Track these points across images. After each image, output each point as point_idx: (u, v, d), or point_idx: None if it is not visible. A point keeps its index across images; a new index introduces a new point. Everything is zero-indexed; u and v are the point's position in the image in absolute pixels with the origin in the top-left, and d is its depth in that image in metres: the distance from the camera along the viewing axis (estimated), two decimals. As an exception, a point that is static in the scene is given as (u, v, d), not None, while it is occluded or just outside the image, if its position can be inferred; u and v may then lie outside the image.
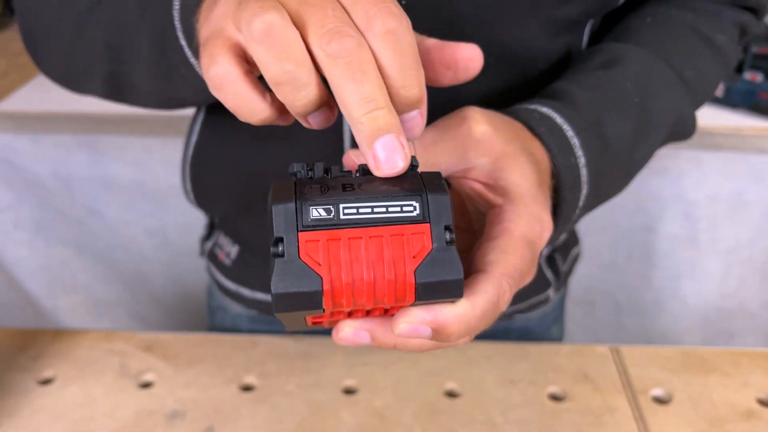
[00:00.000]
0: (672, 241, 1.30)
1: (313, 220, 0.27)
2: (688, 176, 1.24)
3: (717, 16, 0.55)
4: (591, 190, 0.42)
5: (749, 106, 1.24)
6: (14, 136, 1.26)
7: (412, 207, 0.28)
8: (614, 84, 0.46)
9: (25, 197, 1.32)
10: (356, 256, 0.27)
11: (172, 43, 0.39)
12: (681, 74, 0.50)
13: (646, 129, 0.47)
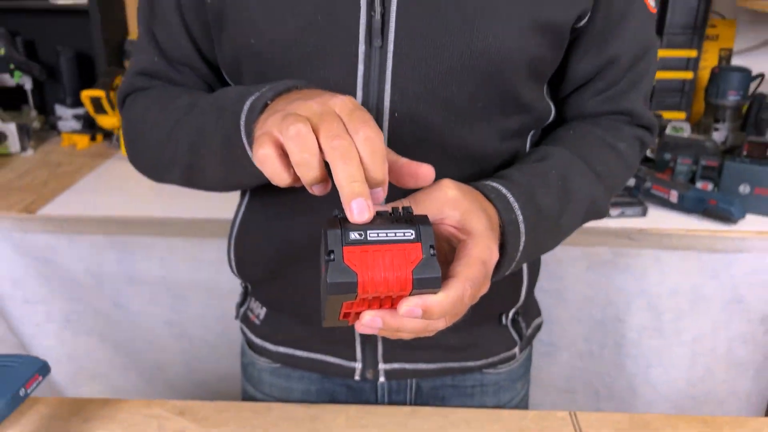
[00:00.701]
0: (641, 331, 1.43)
1: (350, 240, 0.45)
2: (650, 273, 1.40)
3: (619, 131, 0.74)
4: (528, 239, 0.60)
5: (701, 212, 1.41)
6: (54, 237, 1.43)
7: (410, 233, 0.46)
8: (543, 171, 0.66)
9: (58, 292, 1.47)
10: (377, 262, 0.45)
11: (237, 142, 0.56)
12: (594, 168, 0.70)
13: (567, 203, 0.65)
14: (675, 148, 1.55)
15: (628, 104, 0.74)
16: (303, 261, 0.74)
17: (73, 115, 1.94)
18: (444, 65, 0.62)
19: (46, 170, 1.68)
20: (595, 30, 0.69)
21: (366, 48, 0.62)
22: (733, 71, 1.65)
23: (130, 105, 0.76)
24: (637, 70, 0.73)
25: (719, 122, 1.68)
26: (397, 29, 0.61)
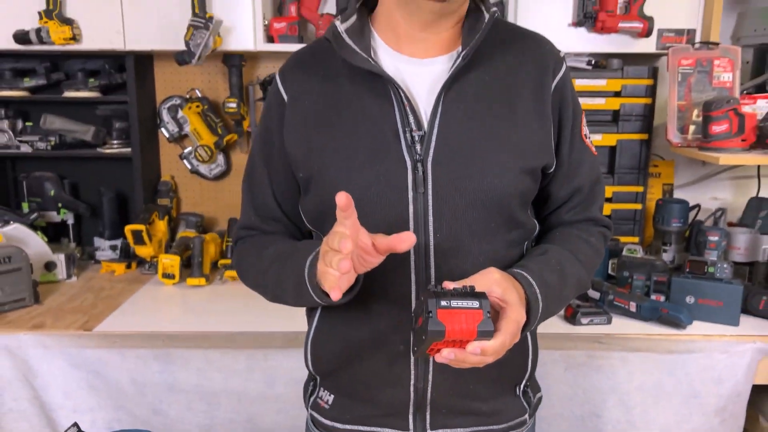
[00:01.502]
0: (615, 425, 1.65)
1: (441, 305, 0.75)
2: (619, 372, 1.65)
3: (588, 231, 1.06)
4: (543, 305, 0.91)
5: (656, 319, 1.69)
6: (106, 352, 1.65)
7: (476, 303, 0.76)
8: (547, 260, 0.97)
9: (105, 402, 1.66)
10: (456, 320, 0.75)
11: (304, 288, 0.87)
12: (577, 257, 1.00)
13: (564, 280, 0.97)
14: (631, 267, 1.85)
15: (591, 214, 1.07)
16: (365, 355, 1.00)
17: (110, 246, 2.22)
18: (466, 200, 0.93)
19: (92, 294, 1.92)
20: (562, 172, 1.03)
21: (413, 194, 0.93)
22: (673, 203, 2.00)
23: (237, 250, 1.10)
24: (593, 192, 1.07)
25: (667, 245, 2.00)
26: (433, 181, 0.93)
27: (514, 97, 0.96)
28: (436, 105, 0.94)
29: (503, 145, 0.94)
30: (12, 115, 2.22)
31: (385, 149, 0.93)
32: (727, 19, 2.20)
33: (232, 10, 1.95)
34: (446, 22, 0.96)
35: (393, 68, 0.97)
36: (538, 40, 1.02)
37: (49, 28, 1.90)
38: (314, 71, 1.00)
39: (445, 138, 0.93)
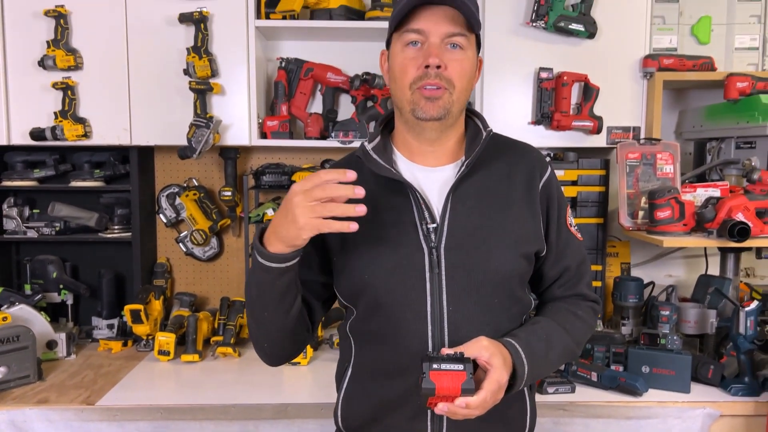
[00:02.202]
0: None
1: (433, 368, 0.98)
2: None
3: (577, 305, 1.26)
4: (528, 369, 1.08)
5: (615, 387, 1.85)
6: (107, 425, 1.76)
7: (461, 366, 0.99)
8: (535, 330, 1.17)
9: (104, 473, 1.76)
10: (444, 379, 0.97)
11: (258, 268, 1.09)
12: (564, 327, 1.20)
13: (549, 348, 1.15)
14: (593, 339, 2.02)
15: (579, 290, 1.28)
16: (390, 412, 1.17)
17: (107, 324, 2.35)
18: (474, 280, 1.14)
19: (92, 371, 2.04)
20: (552, 255, 1.25)
21: (430, 275, 1.14)
22: (629, 281, 2.20)
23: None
24: (580, 271, 1.28)
25: (625, 319, 2.19)
26: (446, 264, 1.14)
27: (509, 196, 1.20)
28: (446, 203, 1.17)
29: (502, 235, 1.17)
30: (21, 203, 2.39)
31: (406, 238, 1.16)
32: (672, 116, 2.49)
33: (229, 110, 2.18)
34: (447, 138, 1.22)
35: (410, 175, 1.21)
36: (527, 150, 1.29)
37: (63, 126, 2.11)
38: None
39: (453, 229, 1.16)
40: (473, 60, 1.19)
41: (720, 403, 1.81)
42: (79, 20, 2.14)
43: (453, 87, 1.14)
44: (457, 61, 1.14)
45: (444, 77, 1.13)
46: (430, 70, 1.12)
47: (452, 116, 1.18)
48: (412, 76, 1.14)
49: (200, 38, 2.09)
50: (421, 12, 1.13)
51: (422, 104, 1.14)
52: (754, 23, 2.21)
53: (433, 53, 1.12)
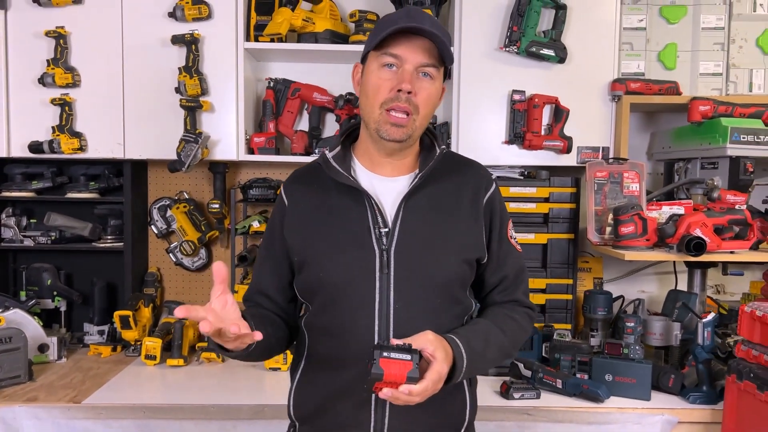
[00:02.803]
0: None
1: (383, 356, 1.08)
2: (547, 442, 1.88)
3: (513, 309, 1.37)
4: (468, 363, 1.18)
5: (578, 394, 1.94)
6: (92, 423, 1.85)
7: (409, 357, 1.09)
8: (475, 329, 1.28)
9: (88, 469, 1.84)
10: (392, 367, 1.07)
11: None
12: (501, 328, 1.29)
13: (487, 347, 1.24)
14: (560, 349, 2.12)
15: (515, 297, 1.39)
16: (337, 402, 1.27)
17: (98, 330, 2.44)
18: (419, 281, 1.25)
19: (81, 373, 2.13)
20: (492, 263, 1.36)
21: (380, 274, 1.25)
22: (599, 294, 2.29)
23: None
24: (518, 279, 1.39)
25: (594, 330, 2.28)
26: (395, 265, 1.25)
27: (456, 207, 1.32)
28: (398, 210, 1.29)
29: (447, 242, 1.29)
30: (18, 213, 2.50)
31: (360, 241, 1.27)
32: (644, 138, 2.60)
33: (218, 126, 2.30)
34: (405, 153, 1.34)
35: (368, 183, 1.32)
36: (476, 167, 1.41)
37: (60, 140, 2.23)
38: (309, 185, 1.36)
39: (404, 234, 1.27)
40: (439, 89, 1.32)
41: (678, 410, 1.89)
42: (78, 40, 2.26)
43: (418, 112, 1.26)
44: (426, 90, 1.26)
45: (412, 102, 1.24)
46: (401, 94, 1.23)
47: (413, 139, 1.29)
48: (384, 96, 1.25)
49: (191, 59, 2.21)
50: (400, 38, 1.24)
51: (387, 128, 1.25)
52: (717, 50, 2.33)
53: (407, 79, 1.23)
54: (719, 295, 2.65)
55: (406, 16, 1.25)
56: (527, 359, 2.08)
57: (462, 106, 2.29)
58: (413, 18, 1.24)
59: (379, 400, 1.25)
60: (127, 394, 1.96)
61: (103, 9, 2.25)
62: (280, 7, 2.30)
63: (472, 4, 2.27)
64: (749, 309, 1.76)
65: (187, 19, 2.23)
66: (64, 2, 2.23)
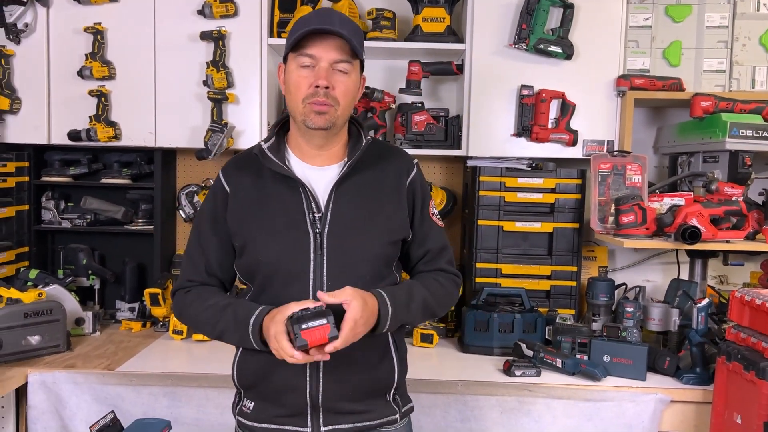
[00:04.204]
0: (542, 462, 1.98)
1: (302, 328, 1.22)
2: (545, 417, 1.99)
3: (438, 275, 1.50)
4: (392, 312, 1.35)
5: (577, 373, 2.05)
6: (124, 389, 2.01)
7: (325, 320, 1.23)
8: (400, 286, 1.44)
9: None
10: (313, 334, 1.22)
11: (248, 342, 1.33)
12: (425, 285, 1.45)
13: (411, 298, 1.41)
14: (562, 332, 2.23)
15: (439, 265, 1.52)
16: (276, 370, 1.39)
17: (129, 308, 2.61)
18: (349, 260, 1.38)
19: (113, 345, 2.30)
20: (416, 240, 1.50)
21: (314, 255, 1.39)
22: (601, 281, 2.39)
23: (179, 297, 1.51)
24: (441, 253, 1.52)
25: (596, 316, 2.38)
26: (328, 246, 1.38)
27: (381, 192, 1.46)
28: (330, 196, 1.42)
29: (374, 224, 1.43)
30: (57, 197, 2.69)
31: (295, 225, 1.40)
32: (651, 132, 2.69)
33: (243, 117, 2.45)
34: (333, 144, 1.47)
35: (301, 172, 1.44)
36: (399, 154, 1.55)
37: (97, 129, 2.40)
38: (247, 172, 1.48)
39: (335, 218, 1.41)
40: (356, 81, 1.42)
41: (671, 389, 2.00)
42: (114, 36, 2.43)
43: (338, 104, 1.38)
44: (342, 83, 1.37)
45: (331, 96, 1.36)
46: (319, 90, 1.35)
47: (336, 127, 1.41)
48: (304, 92, 1.37)
49: (218, 53, 2.36)
50: (314, 38, 1.36)
51: (312, 117, 1.37)
52: (721, 48, 2.41)
53: (322, 76, 1.35)
54: (722, 286, 2.73)
55: (316, 18, 1.37)
56: (530, 340, 2.20)
57: (473, 100, 2.41)
58: (323, 19, 1.35)
59: (313, 367, 1.38)
60: (156, 363, 2.12)
61: (137, 7, 2.41)
62: (302, 5, 2.44)
63: (484, 4, 2.38)
64: (739, 294, 1.86)
65: (215, 17, 2.37)
66: (102, 0, 2.39)
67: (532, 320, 2.31)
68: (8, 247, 2.51)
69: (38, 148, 2.63)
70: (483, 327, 2.29)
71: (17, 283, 2.33)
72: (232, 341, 1.42)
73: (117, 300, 2.66)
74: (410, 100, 2.54)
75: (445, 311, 1.53)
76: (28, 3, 2.37)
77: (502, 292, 2.42)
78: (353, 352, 1.31)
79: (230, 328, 1.38)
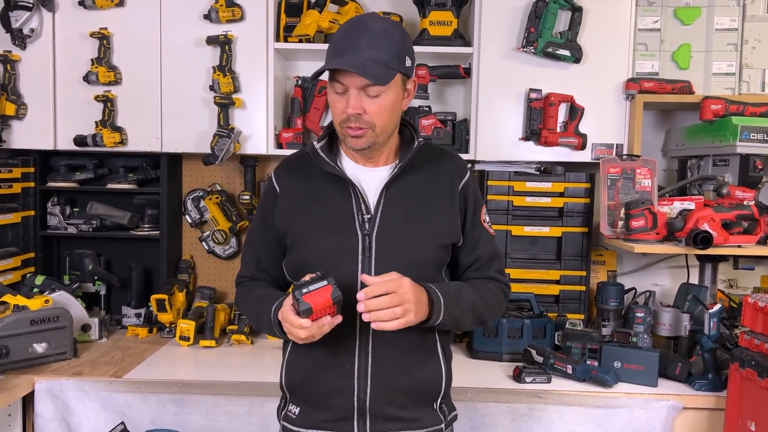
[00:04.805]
0: (554, 469, 1.97)
1: (303, 292, 1.23)
2: (556, 423, 1.98)
3: (487, 282, 1.48)
4: (445, 307, 1.33)
5: (588, 379, 2.03)
6: (132, 396, 2.00)
7: (326, 282, 1.23)
8: (448, 284, 1.43)
9: (128, 438, 1.99)
10: (315, 296, 1.23)
11: (272, 328, 1.34)
12: (475, 288, 1.42)
13: (460, 297, 1.39)
14: (571, 337, 2.21)
15: (489, 274, 1.50)
16: (323, 373, 1.39)
17: (135, 313, 2.60)
18: (398, 263, 1.35)
19: (120, 351, 2.29)
20: (466, 246, 1.48)
21: (362, 257, 1.37)
22: (611, 285, 2.38)
23: (238, 290, 1.54)
24: (491, 261, 1.50)
25: (606, 321, 2.36)
26: (376, 248, 1.37)
27: (432, 195, 1.44)
28: (380, 197, 1.41)
29: (424, 227, 1.40)
30: (63, 202, 2.68)
31: (344, 225, 1.39)
32: (659, 135, 2.67)
33: (249, 122, 2.43)
34: (380, 152, 1.45)
35: (352, 172, 1.44)
36: (451, 157, 1.53)
37: (103, 134, 2.39)
38: (298, 172, 1.48)
39: (384, 220, 1.39)
40: (394, 95, 1.37)
41: (684, 396, 1.98)
42: (120, 41, 2.42)
43: (374, 126, 1.35)
44: (375, 105, 1.34)
45: (364, 120, 1.34)
46: (351, 116, 1.34)
47: (378, 144, 1.40)
48: (339, 117, 1.37)
49: (225, 58, 2.35)
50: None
51: (349, 139, 1.37)
52: (731, 51, 2.40)
53: (351, 105, 1.33)
54: (732, 290, 2.71)
55: (340, 48, 1.32)
56: (540, 346, 2.18)
57: (481, 104, 2.40)
58: (347, 49, 1.30)
59: (361, 370, 1.37)
60: (164, 370, 2.11)
61: (143, 11, 2.40)
62: (308, 9, 2.43)
63: (492, 7, 2.37)
64: (752, 300, 1.84)
65: (221, 21, 2.36)
66: (108, 5, 2.38)
67: (541, 326, 2.30)
68: (14, 253, 2.51)
69: (44, 153, 2.62)
70: (492, 332, 2.27)
71: (23, 289, 2.32)
72: (267, 332, 1.44)
73: (123, 306, 2.65)
74: (417, 104, 2.53)
75: (493, 320, 1.53)
76: (34, 8, 2.36)
77: (511, 297, 2.37)
78: (402, 355, 1.33)
79: (263, 319, 1.40)
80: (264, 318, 1.39)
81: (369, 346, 1.38)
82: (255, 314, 1.44)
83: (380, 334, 1.30)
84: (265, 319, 1.38)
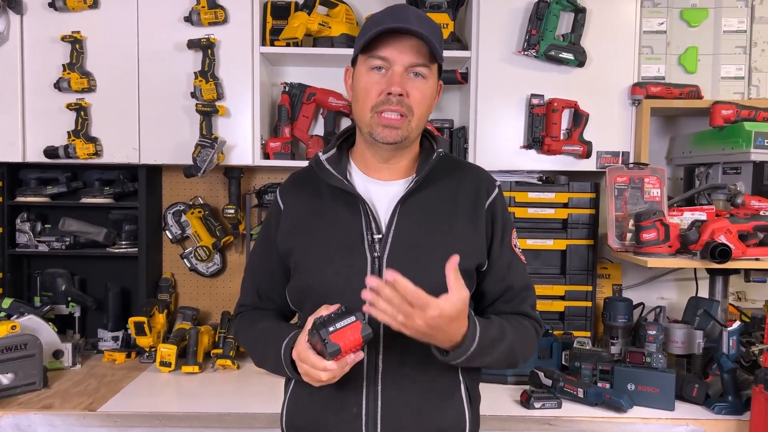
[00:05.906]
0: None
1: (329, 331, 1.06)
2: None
3: (521, 319, 1.30)
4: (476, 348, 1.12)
5: (600, 404, 1.90)
6: (107, 431, 1.83)
7: (353, 317, 1.07)
8: (492, 321, 1.21)
9: (103, 477, 1.82)
10: (345, 337, 1.06)
11: (281, 367, 1.14)
12: (517, 332, 1.24)
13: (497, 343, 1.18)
14: (580, 357, 2.08)
15: (523, 309, 1.32)
16: (329, 415, 1.23)
17: (112, 336, 2.43)
18: None
19: (95, 380, 2.12)
20: (494, 272, 1.30)
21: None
22: (619, 301, 2.25)
23: (238, 321, 1.38)
24: (523, 294, 1.33)
25: (614, 338, 2.23)
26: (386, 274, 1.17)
27: (453, 212, 1.27)
28: (392, 216, 1.25)
29: (442, 250, 1.20)
30: (33, 218, 2.50)
31: (351, 247, 1.23)
32: (663, 142, 2.56)
33: (234, 131, 2.28)
34: (402, 157, 1.29)
35: (362, 187, 1.28)
36: (476, 171, 1.36)
37: (75, 145, 2.22)
38: (304, 188, 1.33)
39: (397, 241, 1.23)
40: (433, 88, 1.26)
41: (703, 420, 1.85)
42: (94, 45, 2.25)
43: (412, 114, 1.21)
44: (419, 90, 1.21)
45: (405, 104, 1.20)
46: (392, 97, 1.19)
47: (409, 141, 1.26)
48: (374, 100, 1.21)
49: (207, 63, 2.20)
50: (388, 39, 1.19)
51: (379, 130, 1.21)
52: (739, 54, 2.29)
53: (396, 81, 1.19)
54: (740, 302, 2.60)
55: (391, 15, 1.20)
56: (547, 368, 2.04)
57: (480, 111, 2.26)
58: (398, 17, 1.19)
59: (370, 414, 1.21)
60: (143, 401, 1.94)
61: (119, 14, 2.24)
62: (296, 11, 2.29)
63: (490, 8, 2.24)
64: (777, 317, 1.72)
65: (203, 24, 2.21)
66: (81, 7, 2.22)
67: (547, 345, 2.16)
68: (-20, 273, 2.33)
69: (12, 166, 2.44)
70: (495, 353, 2.13)
71: (-11, 314, 2.14)
72: (272, 370, 1.27)
73: (99, 328, 2.47)
74: (412, 111, 2.39)
75: (522, 364, 1.32)
76: (0, 10, 2.19)
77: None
78: (416, 396, 1.18)
79: (268, 357, 1.23)
80: (270, 356, 1.22)
81: (378, 386, 1.22)
82: (259, 350, 1.28)
83: (389, 372, 1.17)
84: (272, 357, 1.21)
